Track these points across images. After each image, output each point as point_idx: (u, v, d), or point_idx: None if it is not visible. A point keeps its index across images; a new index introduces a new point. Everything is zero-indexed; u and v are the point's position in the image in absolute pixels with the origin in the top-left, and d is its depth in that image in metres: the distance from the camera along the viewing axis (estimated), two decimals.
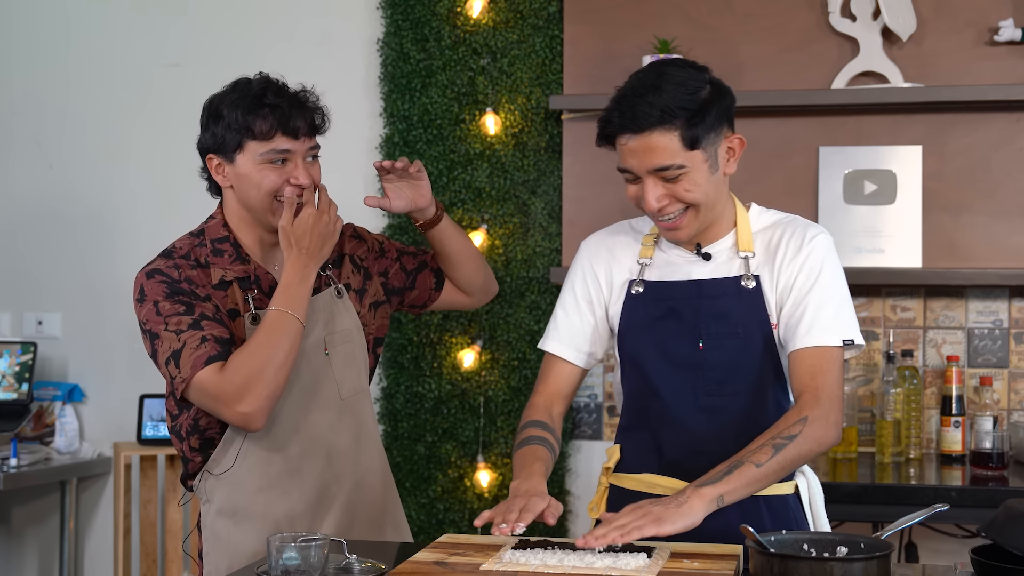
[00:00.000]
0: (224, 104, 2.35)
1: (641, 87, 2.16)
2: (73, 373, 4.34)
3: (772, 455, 2.07)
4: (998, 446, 3.40)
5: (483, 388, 3.92)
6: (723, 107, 2.19)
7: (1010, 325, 3.73)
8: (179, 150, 4.24)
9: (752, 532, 1.90)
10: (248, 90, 2.36)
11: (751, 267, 2.25)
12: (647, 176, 2.17)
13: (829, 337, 2.17)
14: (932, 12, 3.71)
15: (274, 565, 1.91)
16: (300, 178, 2.32)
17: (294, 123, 2.31)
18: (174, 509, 4.13)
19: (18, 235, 4.38)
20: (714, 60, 3.83)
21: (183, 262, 2.34)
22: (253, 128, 2.30)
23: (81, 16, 4.32)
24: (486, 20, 3.93)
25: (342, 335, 2.43)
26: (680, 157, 2.14)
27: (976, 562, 1.93)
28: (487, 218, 3.94)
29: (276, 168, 2.32)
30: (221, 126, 2.33)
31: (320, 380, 2.39)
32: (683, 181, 2.16)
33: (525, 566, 1.95)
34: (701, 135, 2.15)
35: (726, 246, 2.28)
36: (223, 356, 2.24)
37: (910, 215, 3.70)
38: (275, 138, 2.31)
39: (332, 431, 2.41)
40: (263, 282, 2.37)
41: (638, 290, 2.30)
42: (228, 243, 2.37)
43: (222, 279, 2.33)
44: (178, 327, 2.26)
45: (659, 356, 2.26)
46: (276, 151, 2.31)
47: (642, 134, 2.14)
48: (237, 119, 2.31)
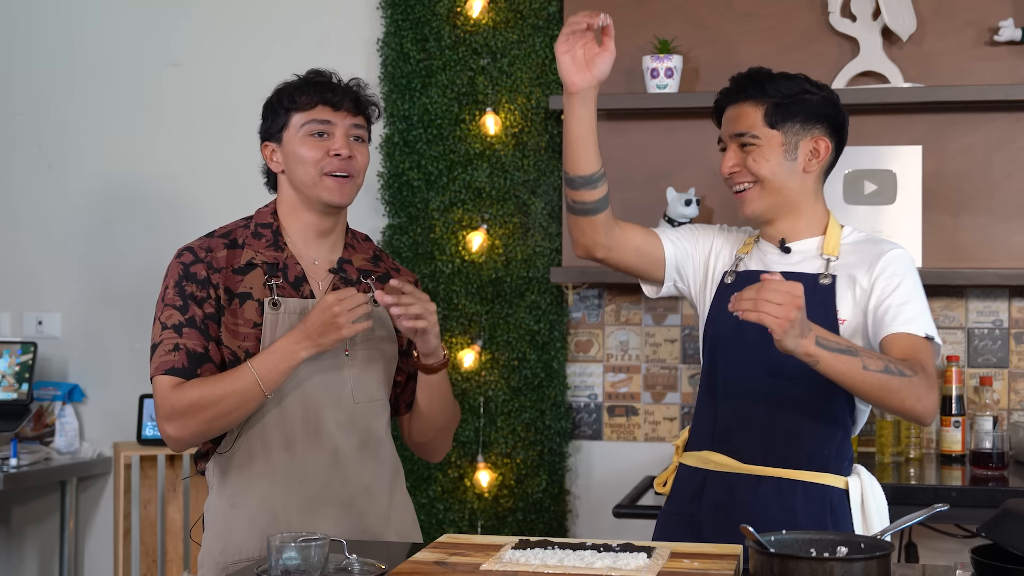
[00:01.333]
0: (273, 94, 2.48)
1: (756, 70, 2.44)
2: (73, 373, 4.34)
3: (881, 369, 2.18)
4: (998, 446, 3.40)
5: (483, 388, 3.92)
6: (824, 113, 2.42)
7: (1010, 325, 3.73)
8: (179, 150, 4.26)
9: (752, 532, 1.90)
10: (297, 78, 2.48)
11: (830, 268, 2.41)
12: (730, 142, 2.42)
13: (915, 327, 2.31)
14: (932, 12, 3.71)
15: (274, 565, 1.91)
16: (340, 148, 2.39)
17: (336, 97, 2.41)
18: (174, 509, 4.13)
19: (18, 235, 4.38)
20: (714, 60, 3.86)
21: (219, 241, 2.43)
22: (297, 101, 2.41)
23: (82, 16, 4.32)
24: (486, 20, 3.93)
25: (369, 341, 2.45)
26: (758, 129, 2.38)
27: (976, 562, 1.93)
28: (487, 218, 3.94)
29: (317, 140, 2.40)
30: (271, 111, 2.46)
31: (336, 379, 2.41)
32: (754, 152, 2.38)
33: (525, 566, 1.95)
34: (783, 119, 2.38)
35: (811, 247, 2.44)
36: (185, 373, 2.32)
37: (910, 215, 3.70)
38: (316, 108, 2.41)
39: (340, 431, 2.41)
40: (290, 271, 2.42)
41: (730, 279, 2.48)
42: (270, 229, 2.45)
43: (249, 261, 2.41)
44: (165, 322, 2.36)
45: (737, 340, 2.40)
46: (317, 120, 2.40)
47: (736, 104, 2.42)
48: (283, 98, 2.44)
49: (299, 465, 2.38)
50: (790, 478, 2.36)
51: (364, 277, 2.48)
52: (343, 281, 2.46)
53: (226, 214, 4.11)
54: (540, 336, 3.90)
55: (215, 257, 2.40)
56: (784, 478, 2.36)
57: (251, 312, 2.37)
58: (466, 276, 3.93)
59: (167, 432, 2.33)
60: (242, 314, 2.37)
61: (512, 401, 3.91)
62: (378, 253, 2.57)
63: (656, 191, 3.76)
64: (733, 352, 2.42)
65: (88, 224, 4.31)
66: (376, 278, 2.50)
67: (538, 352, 3.90)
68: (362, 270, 2.50)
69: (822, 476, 2.37)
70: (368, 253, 2.54)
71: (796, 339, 2.08)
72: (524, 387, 3.90)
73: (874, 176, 3.72)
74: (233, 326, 2.37)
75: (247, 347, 2.36)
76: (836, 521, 2.35)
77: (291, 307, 2.39)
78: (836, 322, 2.35)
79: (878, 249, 2.42)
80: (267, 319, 2.37)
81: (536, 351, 3.90)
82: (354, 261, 2.50)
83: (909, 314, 2.32)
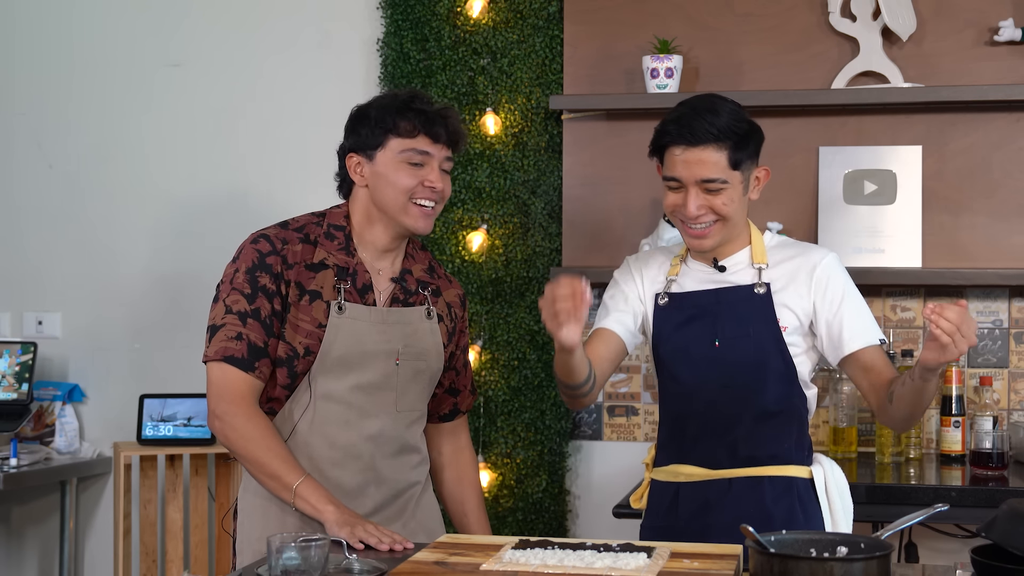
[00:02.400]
0: (372, 107, 2.49)
1: (700, 108, 2.46)
2: (73, 373, 4.34)
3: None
4: (998, 446, 3.40)
5: (483, 388, 3.92)
6: (758, 141, 2.51)
7: (1010, 325, 3.73)
8: (179, 150, 4.26)
9: (752, 532, 1.90)
10: (397, 96, 2.50)
11: (763, 277, 2.53)
12: (692, 186, 2.45)
13: (871, 337, 2.49)
14: (932, 12, 3.71)
15: (274, 565, 1.91)
16: (435, 181, 2.45)
17: (436, 128, 2.45)
18: (174, 509, 4.12)
19: (18, 235, 4.38)
20: (714, 60, 3.86)
21: (294, 234, 2.46)
22: (398, 126, 2.44)
23: (82, 16, 4.32)
24: (486, 20, 3.93)
25: (419, 353, 2.52)
26: (724, 173, 2.44)
27: (976, 562, 1.93)
28: (487, 218, 3.94)
29: (413, 169, 2.45)
30: (367, 126, 2.47)
31: (383, 386, 2.47)
32: (722, 195, 2.45)
33: (525, 566, 1.95)
34: (743, 159, 2.46)
35: (741, 259, 2.56)
36: (244, 365, 2.38)
37: (910, 215, 3.70)
38: (417, 137, 2.44)
39: (381, 436, 2.47)
40: (359, 278, 2.47)
41: (664, 301, 2.58)
42: (343, 232, 2.49)
43: (322, 261, 2.45)
44: (231, 306, 2.40)
45: (683, 357, 2.54)
46: (417, 151, 2.44)
47: (697, 147, 2.43)
48: (384, 118, 2.45)
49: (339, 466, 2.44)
50: (758, 475, 2.50)
51: (422, 288, 2.56)
52: (403, 291, 2.52)
53: (226, 214, 4.14)
54: (540, 336, 3.90)
55: (291, 251, 2.44)
56: (752, 476, 2.50)
57: (319, 312, 2.42)
58: (466, 276, 3.93)
59: (212, 423, 2.42)
60: (310, 311, 2.42)
61: (512, 401, 3.91)
62: (433, 264, 2.64)
63: (656, 191, 3.74)
64: (686, 369, 2.54)
65: (88, 224, 4.31)
66: (431, 291, 2.57)
67: (538, 352, 3.90)
68: (420, 281, 2.57)
69: (786, 469, 2.52)
70: (425, 263, 2.61)
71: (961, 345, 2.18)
72: (524, 387, 3.90)
73: (874, 176, 3.72)
74: (298, 321, 2.42)
75: (308, 344, 2.41)
76: (804, 509, 2.51)
77: (356, 313, 2.44)
78: (778, 329, 2.50)
79: (808, 259, 2.54)
80: (332, 322, 2.42)
81: (536, 351, 3.90)
82: (414, 271, 2.57)
83: (861, 325, 2.50)
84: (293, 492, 2.34)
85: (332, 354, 2.41)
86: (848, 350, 2.49)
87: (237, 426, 2.38)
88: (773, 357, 2.50)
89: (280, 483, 2.36)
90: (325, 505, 2.32)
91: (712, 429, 2.53)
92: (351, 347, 2.43)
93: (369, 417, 2.45)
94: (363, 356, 2.44)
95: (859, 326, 2.49)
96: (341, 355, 2.42)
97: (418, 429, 2.58)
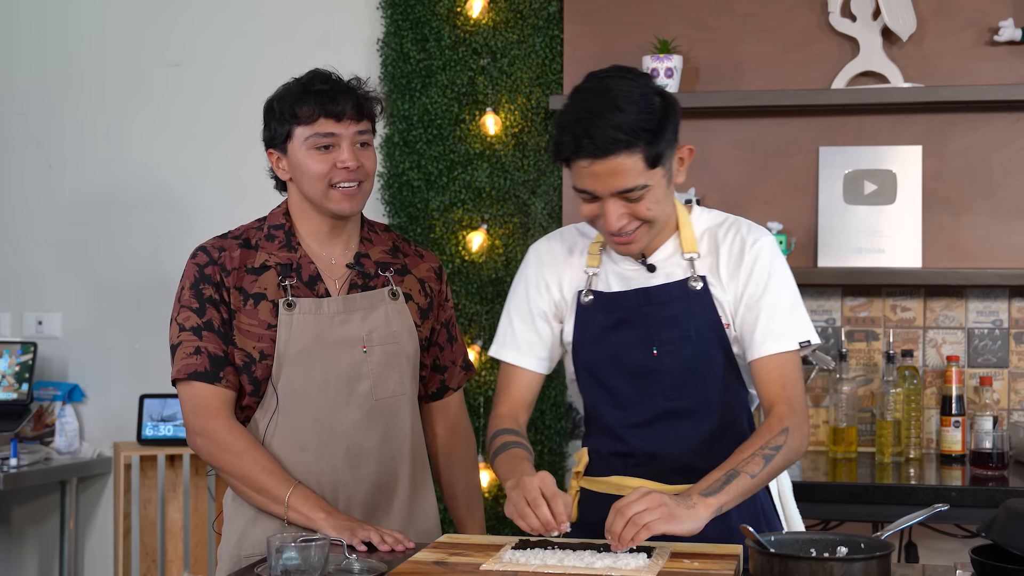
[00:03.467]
0: (276, 99, 2.42)
1: (597, 108, 2.09)
2: (73, 373, 4.34)
3: (763, 466, 2.10)
4: (998, 446, 3.40)
5: (483, 388, 3.92)
6: (676, 120, 2.16)
7: (1010, 325, 3.73)
8: (179, 149, 4.26)
9: (752, 532, 1.90)
10: (297, 82, 2.42)
11: (697, 268, 2.25)
12: (609, 198, 2.13)
13: (786, 343, 2.20)
14: (932, 12, 3.71)
15: (274, 565, 1.91)
16: (347, 161, 2.36)
17: (337, 106, 2.35)
18: (174, 509, 4.12)
19: (18, 235, 4.38)
20: (714, 60, 3.86)
21: (232, 242, 2.42)
22: (298, 114, 2.36)
23: (81, 16, 4.32)
24: (486, 20, 3.93)
25: (388, 336, 2.43)
26: (643, 177, 2.11)
27: (976, 562, 1.93)
28: (487, 218, 3.94)
29: (323, 154, 2.37)
30: (274, 119, 2.41)
31: (354, 377, 2.40)
32: (645, 200, 2.14)
33: (525, 566, 1.95)
34: (662, 152, 2.12)
35: (669, 251, 2.28)
36: (209, 377, 2.34)
37: (910, 215, 3.70)
38: (318, 121, 2.36)
39: (357, 430, 2.40)
40: (304, 271, 2.41)
41: (588, 300, 2.30)
42: (282, 230, 2.44)
43: (263, 263, 2.40)
44: (183, 323, 2.38)
45: (615, 366, 2.28)
46: (320, 134, 2.36)
47: (606, 159, 2.08)
48: (284, 109, 2.38)
49: (313, 467, 2.38)
50: None
51: (382, 270, 2.48)
52: (360, 276, 2.45)
53: (226, 214, 4.13)
54: None
55: (228, 257, 2.39)
56: None
57: (265, 313, 2.37)
58: (466, 276, 3.93)
59: (192, 442, 2.39)
60: (256, 315, 2.37)
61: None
62: (398, 243, 2.55)
63: None
64: (620, 381, 2.28)
65: (88, 224, 4.31)
66: (395, 271, 2.49)
67: None
68: (380, 263, 2.49)
69: None
70: (387, 244, 2.53)
71: (691, 517, 1.99)
72: None
73: (874, 176, 3.72)
74: (247, 327, 2.37)
75: (261, 348, 2.36)
76: (764, 513, 2.31)
77: (306, 307, 2.38)
78: (721, 327, 2.24)
79: (739, 240, 2.24)
80: (282, 320, 2.36)
81: None
82: (371, 254, 2.49)
83: (778, 327, 2.19)
84: (286, 505, 2.31)
85: (289, 352, 2.35)
86: (754, 355, 2.20)
87: (219, 441, 2.34)
88: (719, 360, 2.24)
89: (270, 497, 2.32)
90: (316, 513, 2.29)
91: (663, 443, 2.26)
92: (308, 342, 2.36)
93: (343, 410, 2.38)
94: (324, 349, 2.37)
95: (774, 329, 2.19)
96: (299, 352, 2.36)
97: (408, 413, 2.47)
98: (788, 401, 2.18)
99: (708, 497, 2.04)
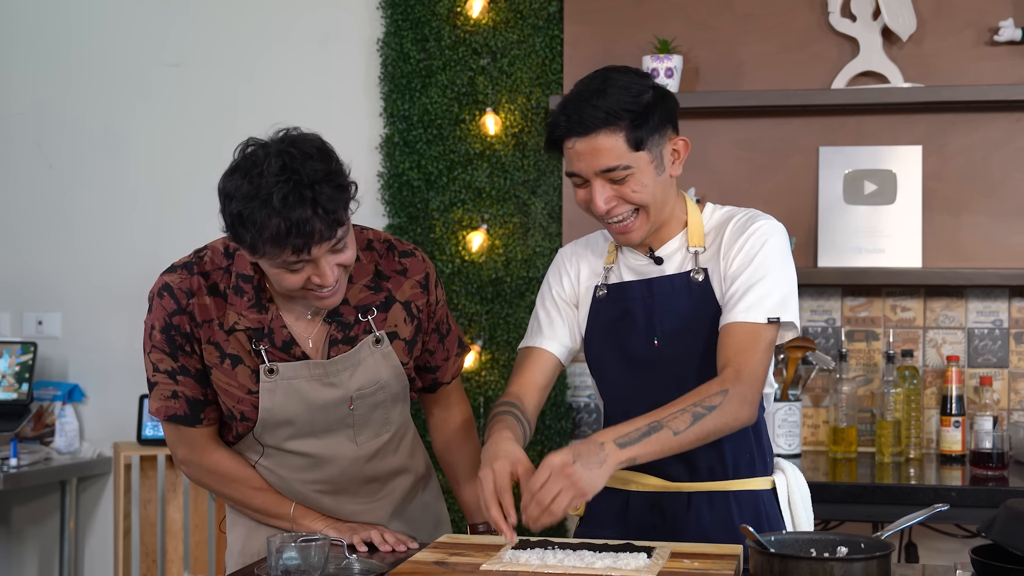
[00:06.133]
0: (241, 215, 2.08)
1: (586, 92, 2.19)
2: (73, 373, 4.34)
3: (690, 423, 2.06)
4: (998, 446, 3.40)
5: (483, 388, 3.92)
6: (666, 110, 2.22)
7: (1010, 325, 3.73)
8: (179, 150, 4.26)
9: (752, 532, 1.90)
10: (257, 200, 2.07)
11: (700, 261, 2.28)
12: (595, 178, 2.19)
13: (755, 314, 2.18)
14: (932, 12, 3.71)
15: (274, 565, 1.91)
16: (322, 278, 2.10)
17: (305, 241, 2.04)
18: (174, 509, 4.12)
19: (18, 235, 4.38)
20: (714, 60, 3.86)
21: (199, 282, 2.22)
22: (261, 252, 2.07)
23: (81, 16, 4.32)
24: (486, 20, 3.93)
25: (376, 388, 2.29)
26: (626, 158, 2.17)
27: (976, 562, 1.93)
28: (487, 218, 3.94)
29: (295, 274, 2.11)
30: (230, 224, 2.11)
31: (337, 428, 2.30)
32: (630, 182, 2.18)
33: (525, 566, 1.95)
34: (645, 136, 2.18)
35: (676, 245, 2.31)
36: (189, 420, 2.25)
37: (910, 215, 3.70)
38: (283, 254, 2.06)
39: (343, 476, 2.34)
40: (276, 336, 2.21)
41: (602, 293, 2.34)
42: (251, 284, 2.21)
43: (233, 325, 2.21)
44: (157, 364, 2.23)
45: (619, 358, 2.30)
46: (289, 263, 2.08)
47: (588, 136, 2.16)
48: (243, 236, 2.07)
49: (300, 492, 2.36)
50: (721, 490, 2.27)
51: (363, 315, 2.27)
52: (340, 329, 2.25)
53: None
54: None
55: (198, 305, 2.21)
56: (715, 491, 2.27)
57: (244, 378, 2.22)
58: (466, 276, 3.93)
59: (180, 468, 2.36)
60: (235, 376, 2.22)
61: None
62: (380, 264, 2.32)
63: None
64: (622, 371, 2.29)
65: (88, 224, 4.31)
66: (377, 307, 2.28)
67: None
68: (360, 306, 2.27)
69: (750, 482, 2.29)
70: (368, 272, 2.30)
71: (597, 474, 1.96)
72: None
73: (874, 176, 3.72)
74: (226, 385, 2.23)
75: (242, 410, 2.24)
76: (770, 522, 2.28)
77: (288, 372, 2.21)
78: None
79: (742, 223, 2.27)
80: (264, 387, 2.21)
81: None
82: (351, 299, 2.26)
83: (752, 298, 2.18)
84: (291, 520, 2.32)
85: (274, 419, 2.23)
86: (723, 321, 2.20)
87: (207, 470, 2.32)
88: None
89: (271, 515, 2.34)
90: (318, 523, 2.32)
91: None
92: (295, 408, 2.23)
93: (327, 464, 2.31)
94: (311, 413, 2.24)
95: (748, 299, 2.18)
96: (286, 418, 2.23)
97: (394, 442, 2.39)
98: (737, 367, 2.13)
99: (622, 449, 2.00)
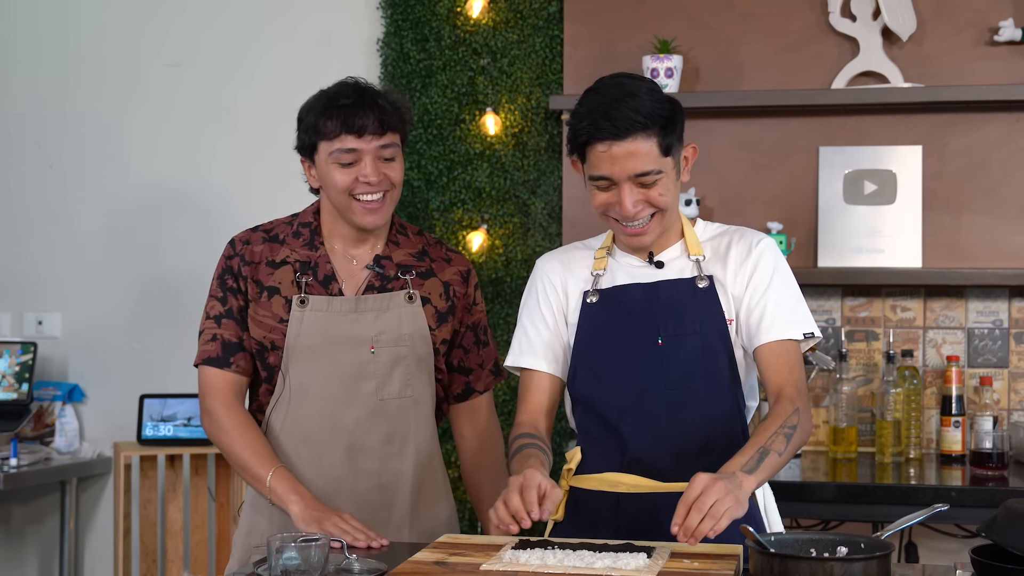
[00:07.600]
0: (305, 109, 2.46)
1: (615, 96, 2.21)
2: (73, 373, 4.34)
3: (786, 445, 2.13)
4: (998, 446, 3.40)
5: None
6: (682, 119, 2.28)
7: (1010, 325, 3.73)
8: (179, 150, 4.26)
9: (752, 532, 1.90)
10: (325, 94, 2.44)
11: (703, 269, 2.33)
12: (625, 182, 2.21)
13: (792, 331, 2.27)
14: (932, 12, 3.71)
15: (274, 565, 1.91)
16: (369, 176, 2.39)
17: (360, 121, 2.37)
18: (174, 509, 4.13)
19: (18, 235, 4.38)
20: (714, 60, 3.86)
21: (259, 235, 2.50)
22: (321, 130, 2.40)
23: (80, 16, 4.32)
24: (486, 20, 3.93)
25: (398, 339, 2.46)
26: (658, 163, 2.21)
27: (976, 562, 1.93)
28: (487, 218, 3.94)
29: (346, 169, 2.40)
30: (302, 130, 2.45)
31: (360, 376, 2.44)
32: (658, 186, 2.22)
33: (525, 566, 1.95)
34: (673, 142, 2.23)
35: (676, 253, 2.36)
36: (220, 362, 2.45)
37: (910, 215, 3.70)
38: (340, 137, 2.39)
39: (359, 427, 2.44)
40: (320, 270, 2.46)
41: (593, 299, 2.35)
42: (309, 228, 2.50)
43: (284, 258, 2.46)
44: (209, 312, 2.49)
45: (619, 357, 2.31)
46: (342, 150, 2.39)
47: (625, 140, 2.19)
48: (310, 122, 2.42)
49: (315, 456, 2.44)
50: None
51: (403, 272, 2.50)
52: (379, 277, 2.48)
53: (226, 213, 4.14)
54: None
55: (251, 250, 2.47)
56: None
57: (278, 307, 2.44)
58: None
59: (202, 421, 2.50)
60: (269, 307, 2.44)
61: (512, 401, 3.90)
62: (428, 247, 2.57)
63: None
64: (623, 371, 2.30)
65: (88, 224, 4.31)
66: (417, 273, 2.51)
67: None
68: (402, 265, 2.51)
69: None
70: (416, 247, 2.55)
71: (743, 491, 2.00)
72: None
73: (874, 176, 3.72)
74: (261, 317, 2.44)
75: (273, 339, 2.43)
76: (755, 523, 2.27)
77: (318, 304, 2.43)
78: (725, 325, 2.29)
79: (745, 241, 2.33)
80: (293, 315, 2.42)
81: None
82: (395, 256, 2.51)
83: (784, 316, 2.27)
84: (267, 485, 2.36)
85: (298, 346, 2.42)
86: (761, 341, 2.26)
87: (215, 419, 2.44)
88: (721, 356, 2.28)
89: (251, 474, 2.40)
90: (290, 496, 2.33)
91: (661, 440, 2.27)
92: (317, 338, 2.42)
93: (347, 407, 2.43)
94: (332, 346, 2.42)
95: (781, 317, 2.25)
96: (307, 347, 2.42)
97: (415, 415, 2.49)
98: (796, 385, 2.23)
99: (750, 475, 2.05)
